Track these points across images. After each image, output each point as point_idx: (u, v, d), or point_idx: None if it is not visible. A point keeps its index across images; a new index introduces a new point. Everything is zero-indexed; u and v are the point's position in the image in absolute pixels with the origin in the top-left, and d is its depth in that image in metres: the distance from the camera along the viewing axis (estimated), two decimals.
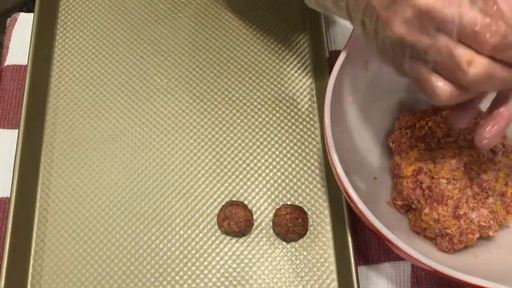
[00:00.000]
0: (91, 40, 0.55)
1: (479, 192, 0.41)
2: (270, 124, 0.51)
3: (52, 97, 0.52)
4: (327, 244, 0.46)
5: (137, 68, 0.54)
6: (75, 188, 0.48)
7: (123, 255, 0.46)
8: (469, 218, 0.41)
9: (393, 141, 0.46)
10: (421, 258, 0.35)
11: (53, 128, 0.51)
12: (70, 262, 0.46)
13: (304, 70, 0.54)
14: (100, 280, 0.45)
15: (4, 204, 0.48)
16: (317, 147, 0.50)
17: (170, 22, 0.56)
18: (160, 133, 0.51)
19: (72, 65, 0.54)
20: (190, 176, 0.49)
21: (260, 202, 0.48)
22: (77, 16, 0.56)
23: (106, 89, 0.53)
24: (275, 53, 0.54)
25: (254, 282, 0.45)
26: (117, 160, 0.50)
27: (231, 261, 0.46)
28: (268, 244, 0.46)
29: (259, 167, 0.49)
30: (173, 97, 0.52)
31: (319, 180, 0.49)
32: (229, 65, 0.54)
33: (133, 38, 0.55)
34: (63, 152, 0.50)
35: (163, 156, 0.50)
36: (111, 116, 0.52)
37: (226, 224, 0.45)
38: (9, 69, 0.54)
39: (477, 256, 0.42)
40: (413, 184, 0.43)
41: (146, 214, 0.47)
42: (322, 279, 0.45)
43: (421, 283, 0.45)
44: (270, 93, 0.53)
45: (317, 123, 0.51)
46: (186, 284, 0.45)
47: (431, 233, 0.42)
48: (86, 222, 0.47)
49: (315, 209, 0.48)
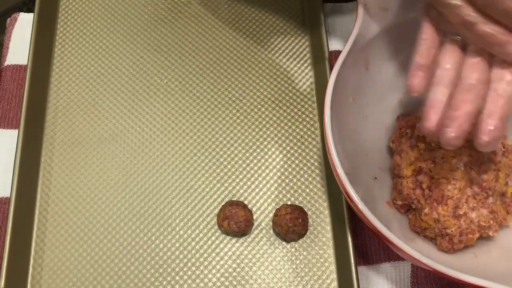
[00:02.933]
0: (91, 40, 0.55)
1: (479, 192, 0.41)
2: (270, 124, 0.51)
3: (52, 97, 0.52)
4: (327, 244, 0.46)
5: (137, 68, 0.54)
6: (75, 188, 0.48)
7: (123, 255, 0.46)
8: (469, 218, 0.41)
9: (393, 141, 0.46)
10: (421, 258, 0.35)
11: (53, 128, 0.51)
12: (70, 262, 0.46)
13: (304, 70, 0.54)
14: (100, 280, 0.45)
15: (4, 204, 0.48)
16: (317, 147, 0.50)
17: (170, 22, 0.56)
18: (160, 133, 0.51)
19: (72, 65, 0.54)
20: (190, 176, 0.49)
21: (260, 202, 0.48)
22: (77, 16, 0.56)
23: (106, 89, 0.53)
24: (275, 53, 0.54)
25: (254, 282, 0.45)
26: (117, 160, 0.50)
27: (231, 261, 0.46)
28: (268, 244, 0.46)
29: (259, 167, 0.49)
30: (173, 97, 0.52)
31: (319, 180, 0.49)
32: (229, 65, 0.54)
33: (133, 38, 0.55)
34: (63, 152, 0.50)
35: (163, 156, 0.50)
36: (111, 116, 0.52)
37: (226, 224, 0.45)
38: (9, 69, 0.54)
39: (477, 256, 0.42)
40: (413, 184, 0.43)
41: (146, 214, 0.47)
42: (322, 279, 0.45)
43: (421, 283, 0.45)
44: (270, 93, 0.53)
45: (317, 123, 0.51)
46: (186, 284, 0.45)
47: (431, 233, 0.42)
48: (86, 222, 0.47)
49: (315, 209, 0.48)
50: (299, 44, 0.55)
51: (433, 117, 0.33)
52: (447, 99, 0.33)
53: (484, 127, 0.32)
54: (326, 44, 0.51)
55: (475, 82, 0.33)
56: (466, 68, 0.33)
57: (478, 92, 0.33)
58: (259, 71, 0.54)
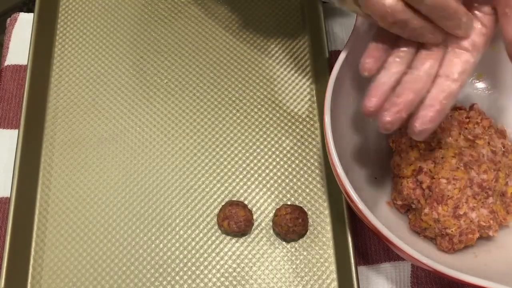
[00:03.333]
0: (91, 40, 0.55)
1: (479, 192, 0.41)
2: (270, 124, 0.51)
3: (52, 97, 0.52)
4: (327, 244, 0.46)
5: (137, 68, 0.54)
6: (75, 188, 0.48)
7: (123, 255, 0.46)
8: (469, 218, 0.41)
9: (393, 141, 0.46)
10: (421, 258, 0.35)
11: (53, 128, 0.51)
12: (70, 262, 0.46)
13: (304, 70, 0.54)
14: (100, 280, 0.45)
15: (4, 204, 0.48)
16: (317, 147, 0.50)
17: (170, 22, 0.56)
18: (160, 133, 0.51)
19: (72, 65, 0.54)
20: (190, 176, 0.49)
21: (260, 202, 0.48)
22: (77, 16, 0.57)
23: (106, 89, 0.53)
24: (275, 53, 0.54)
25: (254, 282, 0.45)
26: (117, 160, 0.50)
27: (231, 261, 0.46)
28: (268, 244, 0.46)
29: (259, 167, 0.49)
30: (173, 97, 0.52)
31: (319, 180, 0.49)
32: (229, 65, 0.54)
33: (133, 38, 0.55)
34: (63, 152, 0.50)
35: (163, 156, 0.50)
36: (111, 116, 0.52)
37: (226, 224, 0.45)
38: (9, 69, 0.54)
39: (477, 256, 0.42)
40: (413, 184, 0.43)
41: (146, 214, 0.47)
42: (322, 279, 0.45)
43: (421, 283, 0.45)
44: (270, 93, 0.53)
45: (317, 123, 0.51)
46: (186, 284, 0.45)
47: (431, 233, 0.42)
48: (86, 222, 0.47)
49: (315, 209, 0.48)
50: (299, 44, 0.55)
51: (373, 99, 0.34)
52: (393, 85, 0.34)
53: (420, 116, 0.34)
54: (326, 44, 0.51)
55: (422, 74, 0.34)
56: (417, 60, 0.35)
57: (424, 84, 0.34)
58: (259, 71, 0.54)
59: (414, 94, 0.33)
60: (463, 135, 0.44)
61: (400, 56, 0.35)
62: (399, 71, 0.35)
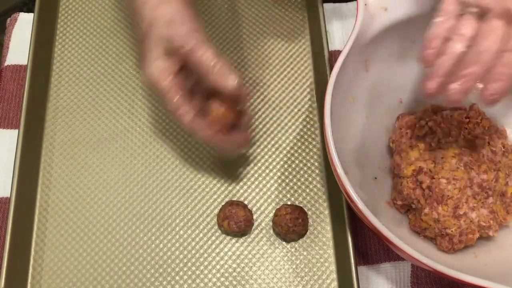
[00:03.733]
0: (91, 40, 0.55)
1: (479, 192, 0.41)
2: (270, 124, 0.51)
3: (52, 97, 0.52)
4: (327, 244, 0.46)
5: (137, 68, 0.54)
6: (75, 188, 0.48)
7: (123, 255, 0.46)
8: (469, 218, 0.41)
9: (393, 141, 0.46)
10: (421, 258, 0.35)
11: (53, 128, 0.51)
12: (70, 262, 0.46)
13: (304, 70, 0.54)
14: (100, 280, 0.45)
15: (4, 204, 0.48)
16: (317, 147, 0.50)
17: None
18: (160, 133, 0.51)
19: (72, 65, 0.54)
20: (190, 176, 0.49)
21: (260, 202, 0.48)
22: (77, 16, 0.56)
23: (106, 89, 0.53)
24: (275, 53, 0.54)
25: (254, 282, 0.45)
26: (117, 160, 0.50)
27: (231, 261, 0.46)
28: (268, 244, 0.46)
29: (259, 167, 0.49)
30: None
31: (319, 180, 0.49)
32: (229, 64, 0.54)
33: (133, 38, 0.55)
34: (63, 152, 0.50)
35: (163, 156, 0.50)
36: (111, 116, 0.52)
37: (226, 224, 0.45)
38: (9, 69, 0.54)
39: (477, 256, 0.42)
40: (413, 184, 0.43)
41: (146, 214, 0.47)
42: (322, 279, 0.45)
43: (421, 283, 0.45)
44: (270, 93, 0.53)
45: (317, 123, 0.51)
46: (186, 284, 0.45)
47: (431, 233, 0.42)
48: (86, 222, 0.47)
49: (315, 209, 0.48)
50: (299, 44, 0.55)
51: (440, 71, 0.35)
52: (457, 61, 0.35)
53: (489, 86, 0.34)
54: (326, 44, 0.51)
55: (488, 48, 0.34)
56: (480, 35, 0.35)
57: (488, 58, 0.34)
58: (259, 71, 0.54)
59: (480, 66, 0.34)
60: (463, 135, 0.44)
61: (463, 33, 0.35)
62: (465, 46, 0.35)
